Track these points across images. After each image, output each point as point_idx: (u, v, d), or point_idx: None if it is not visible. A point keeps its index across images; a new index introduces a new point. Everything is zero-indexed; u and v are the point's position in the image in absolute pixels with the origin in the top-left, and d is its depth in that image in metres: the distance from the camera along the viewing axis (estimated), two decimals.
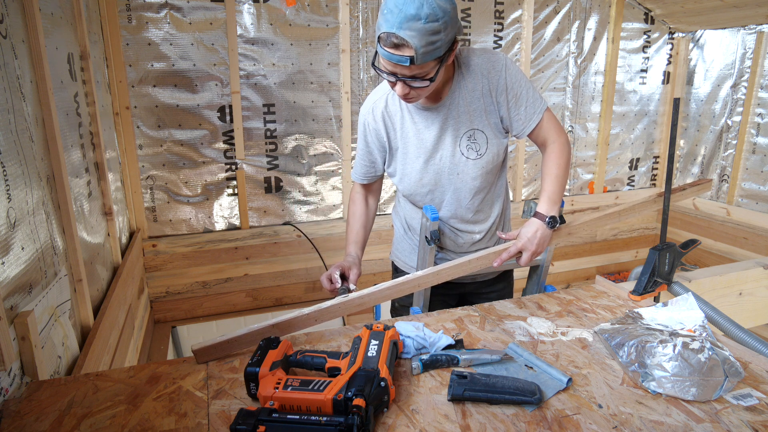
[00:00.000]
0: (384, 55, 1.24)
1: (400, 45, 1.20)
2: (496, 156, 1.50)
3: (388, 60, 1.24)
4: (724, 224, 3.46)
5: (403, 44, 1.19)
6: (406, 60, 1.21)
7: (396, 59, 1.21)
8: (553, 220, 1.40)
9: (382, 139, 1.53)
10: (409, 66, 1.23)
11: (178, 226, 2.79)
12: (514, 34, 3.25)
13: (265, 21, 2.70)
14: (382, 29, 1.21)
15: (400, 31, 1.18)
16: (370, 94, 1.57)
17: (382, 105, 1.51)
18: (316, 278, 3.07)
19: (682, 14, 3.39)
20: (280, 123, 2.86)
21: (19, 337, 1.07)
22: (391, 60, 1.23)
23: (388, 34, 1.20)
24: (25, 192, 1.20)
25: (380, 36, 1.22)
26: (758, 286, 1.85)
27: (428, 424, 0.93)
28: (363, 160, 1.60)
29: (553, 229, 1.40)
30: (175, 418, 0.96)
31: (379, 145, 1.55)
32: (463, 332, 1.28)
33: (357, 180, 1.66)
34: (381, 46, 1.23)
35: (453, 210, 1.56)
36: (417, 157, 1.50)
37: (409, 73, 1.25)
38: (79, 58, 1.84)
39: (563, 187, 1.48)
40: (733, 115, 3.41)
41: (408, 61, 1.21)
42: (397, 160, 1.54)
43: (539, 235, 1.39)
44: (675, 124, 1.54)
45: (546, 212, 1.40)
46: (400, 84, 1.29)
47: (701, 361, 1.00)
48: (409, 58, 1.20)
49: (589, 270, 3.86)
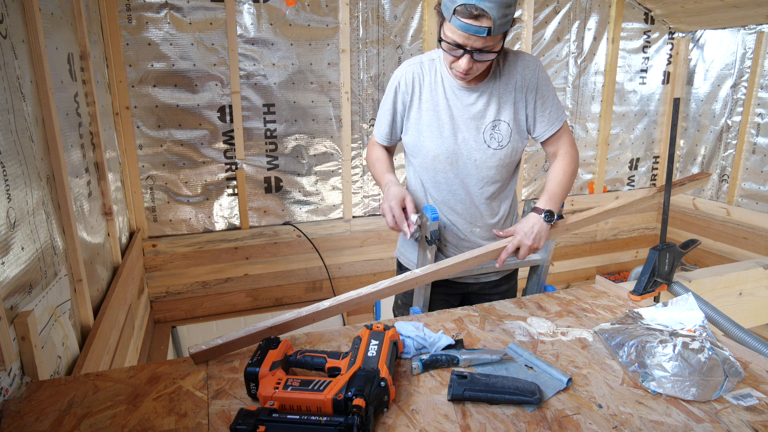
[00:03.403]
0: (460, 26, 1.25)
1: (480, 16, 1.23)
2: (514, 152, 1.53)
3: (463, 31, 1.25)
4: (724, 224, 3.46)
5: (483, 15, 1.22)
6: (483, 31, 1.24)
7: (473, 30, 1.24)
8: (550, 214, 1.41)
9: (407, 102, 1.53)
10: (484, 37, 1.26)
11: (178, 226, 2.79)
12: (514, 34, 3.25)
13: (265, 21, 2.70)
14: (460, 1, 1.23)
15: (480, 2, 1.21)
16: (406, 61, 1.57)
17: (417, 70, 1.51)
18: (317, 278, 3.08)
19: (682, 14, 3.39)
20: (280, 123, 2.86)
21: (19, 337, 1.07)
22: (468, 31, 1.25)
23: (467, 6, 1.22)
24: (25, 192, 1.20)
25: (457, 8, 1.24)
26: (758, 286, 1.85)
27: (428, 424, 0.93)
28: (385, 122, 1.59)
29: (550, 223, 1.41)
30: (175, 418, 0.96)
31: (403, 109, 1.55)
32: (463, 332, 1.28)
33: (380, 141, 1.64)
34: (457, 17, 1.25)
35: (461, 196, 1.55)
36: (441, 130, 1.49)
37: (480, 45, 1.28)
38: (79, 58, 1.84)
39: (565, 192, 1.50)
40: (733, 115, 3.41)
41: (486, 32, 1.24)
42: (420, 129, 1.52)
43: (536, 230, 1.39)
44: (675, 124, 1.54)
45: (544, 207, 1.42)
46: (466, 58, 1.31)
47: (701, 361, 1.00)
48: (487, 29, 1.24)
49: (589, 270, 3.86)
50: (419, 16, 3.00)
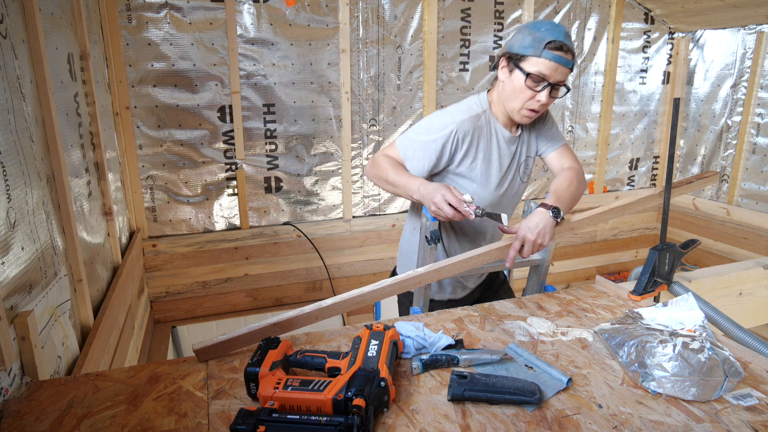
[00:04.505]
0: (553, 58, 1.41)
1: (567, 51, 1.42)
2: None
3: (555, 62, 1.41)
4: (724, 224, 3.46)
5: (569, 50, 1.43)
6: (570, 63, 1.43)
7: (564, 61, 1.41)
8: (557, 211, 1.40)
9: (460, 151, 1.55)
10: (568, 69, 1.44)
11: (178, 226, 2.79)
12: (514, 34, 3.25)
13: (265, 21, 2.70)
14: (549, 37, 1.41)
15: (566, 40, 1.42)
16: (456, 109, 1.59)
17: (476, 123, 1.56)
18: (317, 278, 3.08)
19: (682, 14, 3.39)
20: (280, 123, 2.86)
21: (19, 337, 1.07)
22: (559, 62, 1.41)
23: (556, 42, 1.40)
24: (25, 192, 1.20)
25: (548, 43, 1.41)
26: (758, 286, 1.85)
27: (428, 424, 0.93)
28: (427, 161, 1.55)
29: (557, 219, 1.41)
30: (175, 418, 0.96)
31: (450, 156, 1.56)
32: (463, 332, 1.28)
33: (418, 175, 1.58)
34: (549, 50, 1.41)
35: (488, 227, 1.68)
36: (489, 178, 1.60)
37: (562, 78, 1.45)
38: (79, 58, 1.84)
39: (572, 198, 1.54)
40: (733, 115, 3.41)
41: (571, 64, 1.44)
42: (472, 177, 1.58)
43: (542, 225, 1.39)
44: (675, 124, 1.54)
45: (552, 203, 1.42)
46: (546, 91, 1.45)
47: (701, 361, 1.00)
48: (572, 62, 1.44)
49: (589, 270, 3.86)
50: (419, 16, 3.00)
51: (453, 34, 3.10)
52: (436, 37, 3.04)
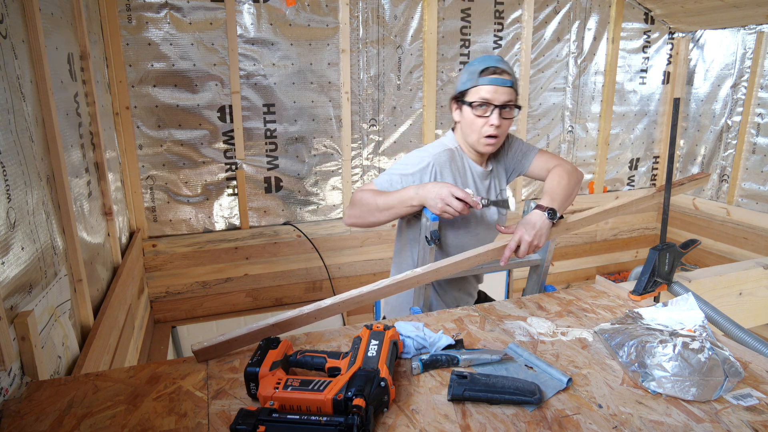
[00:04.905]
0: (490, 82, 1.49)
1: (502, 72, 1.50)
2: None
3: (493, 85, 1.49)
4: (724, 224, 3.46)
5: (504, 71, 1.51)
6: (508, 82, 1.50)
7: (500, 82, 1.49)
8: (553, 212, 1.41)
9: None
10: (509, 88, 1.50)
11: (178, 226, 2.79)
12: (514, 34, 3.25)
13: (265, 21, 2.70)
14: (481, 66, 1.51)
15: (500, 64, 1.52)
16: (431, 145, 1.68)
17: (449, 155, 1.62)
18: (317, 278, 3.08)
19: (682, 14, 3.39)
20: (280, 123, 2.86)
21: (19, 337, 1.07)
22: (496, 83, 1.49)
23: (490, 67, 1.50)
24: (25, 192, 1.20)
25: (482, 70, 1.50)
26: (758, 286, 1.85)
27: (428, 424, 0.93)
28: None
29: (552, 220, 1.41)
30: (175, 418, 0.96)
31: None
32: (463, 332, 1.28)
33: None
34: (484, 76, 1.50)
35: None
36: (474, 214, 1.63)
37: (507, 98, 1.50)
38: (79, 58, 1.84)
39: (566, 194, 1.53)
40: (733, 115, 3.41)
41: (510, 83, 1.50)
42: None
43: (538, 226, 1.40)
44: (675, 124, 1.54)
45: (547, 205, 1.43)
46: (496, 112, 1.50)
47: (701, 361, 1.00)
48: (511, 81, 1.51)
49: (589, 270, 3.86)
50: (419, 16, 3.00)
51: (453, 34, 3.10)
52: (436, 37, 3.04)
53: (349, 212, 1.61)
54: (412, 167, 1.59)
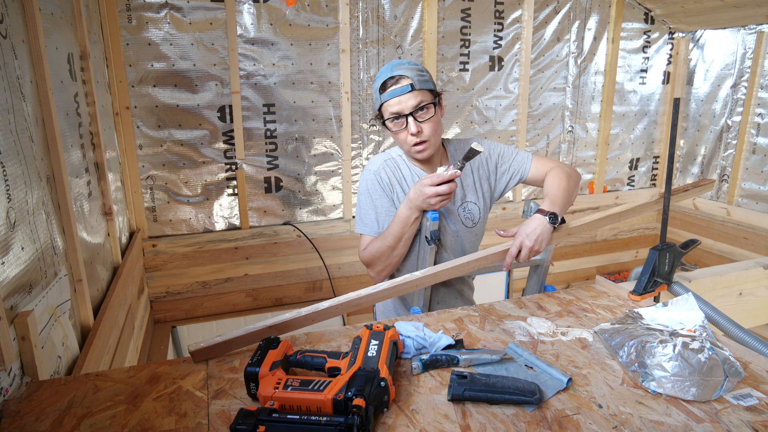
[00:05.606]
0: (389, 95, 1.46)
1: (399, 78, 1.45)
2: (484, 225, 1.70)
3: (393, 97, 1.45)
4: (724, 224, 3.46)
5: (401, 76, 1.45)
6: (407, 87, 1.44)
7: (399, 90, 1.45)
8: (554, 217, 1.40)
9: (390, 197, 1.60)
10: (411, 92, 1.45)
11: (178, 226, 2.79)
12: (514, 34, 3.25)
13: (265, 21, 2.70)
14: (379, 83, 1.47)
15: (393, 72, 1.46)
16: (373, 160, 1.66)
17: (392, 165, 1.61)
18: (317, 278, 3.08)
19: (682, 14, 3.39)
20: (280, 123, 2.86)
21: (19, 337, 1.07)
22: (395, 94, 1.45)
23: (387, 79, 1.46)
24: (25, 192, 1.20)
25: (380, 87, 1.47)
26: (758, 286, 1.85)
27: (428, 424, 0.93)
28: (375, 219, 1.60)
29: (554, 225, 1.41)
30: (175, 418, 0.96)
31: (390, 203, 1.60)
32: (463, 332, 1.28)
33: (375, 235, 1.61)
34: (384, 93, 1.47)
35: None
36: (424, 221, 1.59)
37: (414, 103, 1.45)
38: (79, 58, 1.84)
39: (566, 195, 1.52)
40: (733, 115, 3.41)
41: (409, 87, 1.44)
42: None
43: (539, 231, 1.39)
44: (675, 124, 1.54)
45: (548, 209, 1.42)
46: (410, 120, 1.47)
47: (701, 361, 1.00)
48: (410, 85, 1.44)
49: (589, 270, 3.86)
50: (419, 16, 3.00)
51: (453, 34, 3.10)
52: (436, 37, 3.04)
53: (374, 272, 1.61)
54: (368, 192, 1.61)
